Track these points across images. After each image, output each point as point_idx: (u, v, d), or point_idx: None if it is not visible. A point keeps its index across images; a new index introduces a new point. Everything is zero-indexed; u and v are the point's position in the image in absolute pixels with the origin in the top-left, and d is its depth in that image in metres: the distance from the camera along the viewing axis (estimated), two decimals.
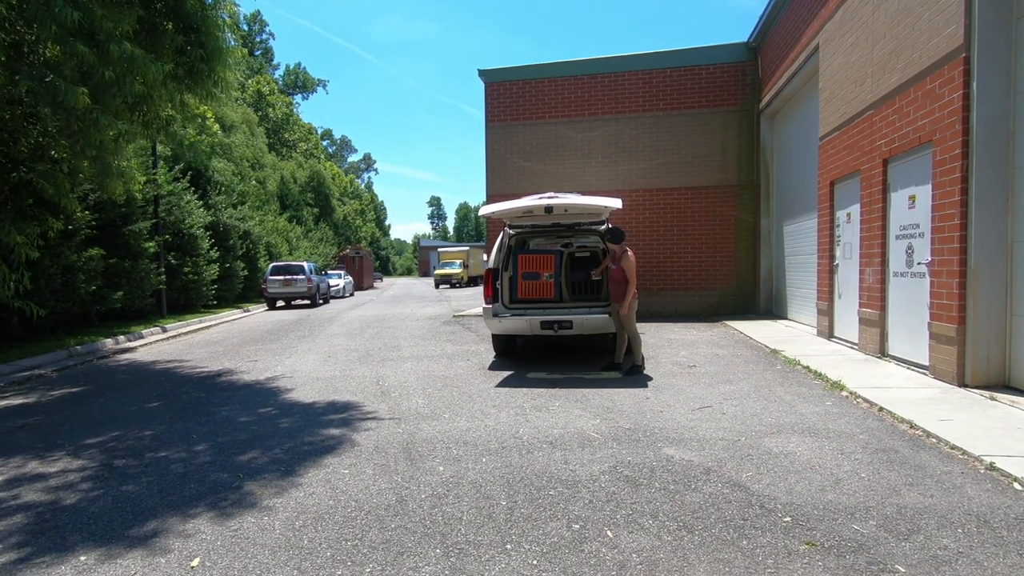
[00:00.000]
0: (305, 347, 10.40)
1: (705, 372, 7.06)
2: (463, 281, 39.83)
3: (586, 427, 4.81)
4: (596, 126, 14.45)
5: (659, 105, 14.16)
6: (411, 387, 6.68)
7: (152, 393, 6.86)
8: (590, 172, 14.50)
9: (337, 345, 10.51)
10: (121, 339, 12.00)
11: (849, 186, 8.38)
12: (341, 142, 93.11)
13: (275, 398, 6.32)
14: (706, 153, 13.98)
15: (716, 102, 13.93)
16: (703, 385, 6.32)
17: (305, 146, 55.31)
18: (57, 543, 3.07)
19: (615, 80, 14.34)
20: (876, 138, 7.30)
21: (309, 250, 38.00)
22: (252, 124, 37.97)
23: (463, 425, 4.98)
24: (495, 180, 15.00)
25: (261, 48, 63.19)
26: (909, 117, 6.52)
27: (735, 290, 14.03)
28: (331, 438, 4.73)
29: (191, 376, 7.91)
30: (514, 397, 5.99)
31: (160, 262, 15.57)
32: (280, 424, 5.21)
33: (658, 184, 14.18)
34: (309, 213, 44.19)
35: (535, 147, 14.77)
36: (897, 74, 6.74)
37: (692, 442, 4.35)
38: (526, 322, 7.51)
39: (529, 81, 14.78)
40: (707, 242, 14.09)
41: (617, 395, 5.96)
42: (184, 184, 18.32)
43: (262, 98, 50.86)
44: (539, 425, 4.91)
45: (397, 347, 10.09)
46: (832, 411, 5.10)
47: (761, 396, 5.73)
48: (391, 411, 5.57)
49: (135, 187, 11.95)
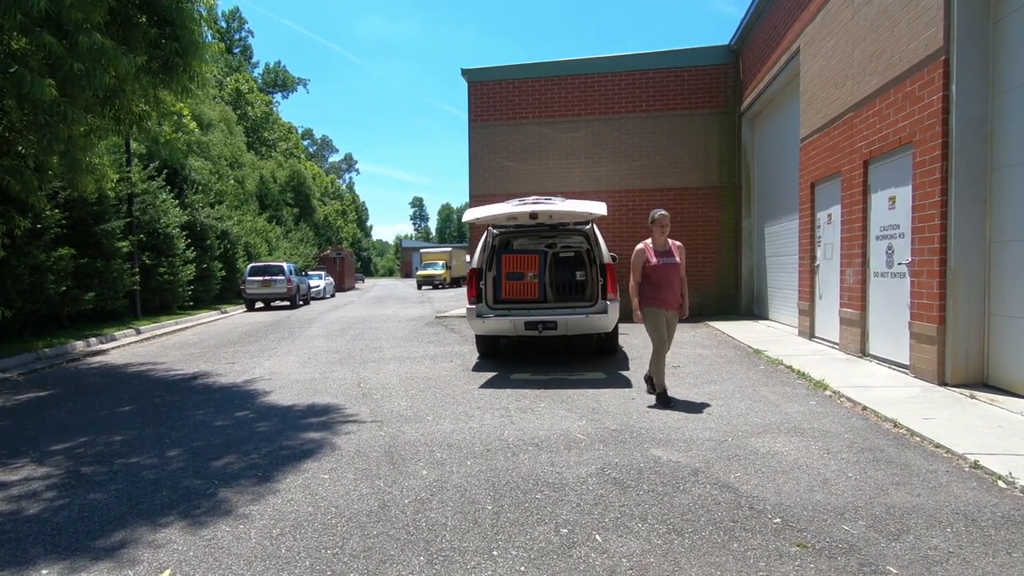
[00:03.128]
0: (284, 349, 10.19)
1: (689, 372, 7.05)
2: (446, 282, 39.64)
3: (572, 428, 4.74)
4: (580, 127, 14.44)
5: (642, 107, 14.20)
6: (393, 389, 6.55)
7: (124, 397, 6.64)
8: (574, 173, 14.48)
9: (317, 347, 10.32)
10: (93, 341, 11.64)
11: (830, 187, 8.46)
12: (322, 142, 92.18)
13: (252, 401, 6.15)
14: (689, 155, 14.05)
15: (698, 104, 14.01)
16: (686, 385, 6.30)
17: (285, 145, 54.62)
18: (17, 556, 2.90)
19: (599, 81, 14.34)
20: (856, 140, 7.37)
21: (289, 251, 37.48)
22: (230, 122, 37.36)
23: (447, 428, 4.88)
24: (478, 180, 14.91)
25: (240, 46, 62.30)
26: (889, 119, 6.59)
27: (717, 291, 14.11)
28: (310, 442, 4.59)
29: (165, 379, 7.69)
30: (499, 399, 5.90)
31: (134, 262, 15.17)
32: (257, 428, 5.06)
33: (641, 185, 14.21)
34: (289, 213, 43.61)
35: (519, 147, 14.71)
36: (877, 76, 6.81)
37: (679, 443, 4.30)
38: (510, 323, 7.43)
39: (513, 81, 14.72)
40: (690, 243, 14.08)
41: (602, 396, 5.90)
42: (160, 183, 17.91)
43: (241, 96, 50.11)
44: (524, 427, 4.83)
45: (379, 348, 9.94)
46: (816, 410, 5.10)
47: (746, 396, 5.72)
48: (373, 414, 5.45)
49: (107, 185, 11.62)
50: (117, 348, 11.24)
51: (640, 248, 5.68)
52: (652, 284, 5.56)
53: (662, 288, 5.52)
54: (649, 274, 5.57)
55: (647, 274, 5.58)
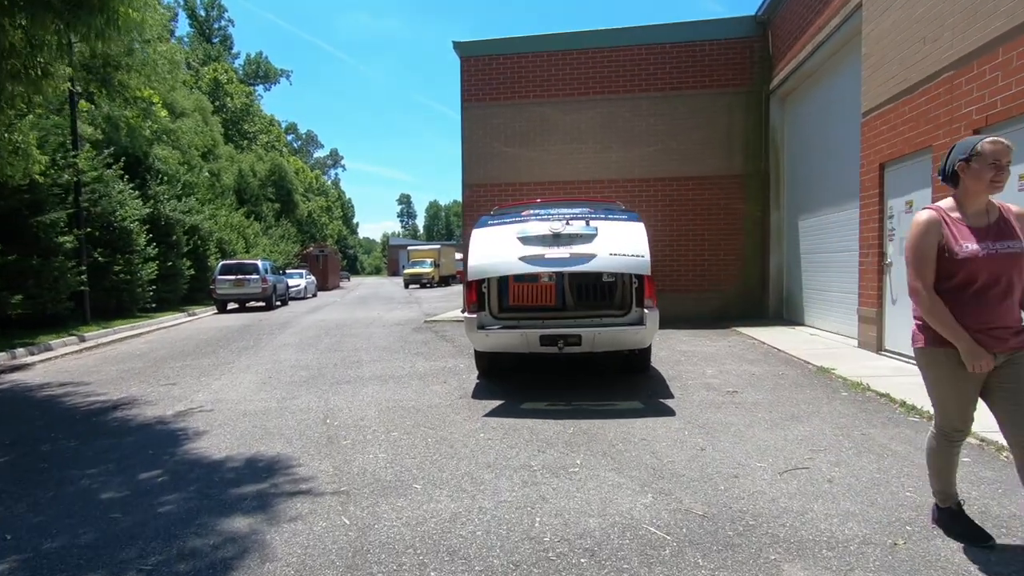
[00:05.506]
0: (244, 363, 8.49)
1: (753, 401, 5.47)
2: (434, 281, 38.00)
3: (636, 512, 3.13)
4: (587, 107, 12.83)
5: (657, 85, 12.62)
6: (370, 428, 4.90)
7: (5, 437, 4.93)
8: (580, 159, 12.87)
9: (284, 360, 8.63)
10: (20, 352, 9.85)
11: (910, 168, 6.93)
12: (307, 137, 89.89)
13: (173, 450, 4.47)
14: (709, 139, 12.49)
15: (721, 82, 12.46)
16: (764, 423, 4.72)
17: (266, 138, 52.48)
18: None
19: (608, 56, 12.74)
20: (961, 104, 5.84)
21: (269, 248, 35.54)
22: (206, 112, 35.28)
23: (445, 508, 3.25)
24: (473, 168, 13.25)
25: (219, 36, 60.03)
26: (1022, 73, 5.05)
27: (741, 292, 12.59)
28: (231, 539, 2.94)
29: (78, 408, 5.97)
30: (514, 447, 4.28)
31: (81, 259, 13.32)
32: (160, 507, 3.39)
33: (656, 173, 12.64)
34: (269, 209, 41.59)
35: (519, 131, 13.07)
36: (1003, 18, 5.27)
37: (821, 547, 2.70)
38: (521, 336, 5.80)
39: (512, 56, 13.06)
40: (710, 238, 12.61)
41: (654, 440, 4.31)
42: (116, 171, 16.05)
43: (219, 87, 47.95)
44: (562, 507, 3.22)
45: (357, 362, 8.27)
46: (986, 476, 3.53)
47: (857, 444, 4.15)
48: (337, 476, 3.80)
49: (36, 169, 9.79)
50: (46, 361, 9.44)
51: (927, 218, 2.58)
52: (960, 295, 2.53)
53: (986, 303, 2.50)
54: (955, 272, 2.53)
55: (949, 273, 2.55)
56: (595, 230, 5.81)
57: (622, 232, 5.90)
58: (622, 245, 5.70)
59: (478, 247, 5.94)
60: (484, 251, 5.87)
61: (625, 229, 5.96)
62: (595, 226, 5.86)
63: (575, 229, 5.79)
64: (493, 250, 5.83)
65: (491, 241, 5.97)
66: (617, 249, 5.65)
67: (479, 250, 5.90)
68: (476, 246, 5.96)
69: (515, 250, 5.71)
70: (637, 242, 5.76)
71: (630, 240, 5.78)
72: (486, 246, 5.92)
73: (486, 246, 5.92)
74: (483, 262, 5.79)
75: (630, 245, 5.71)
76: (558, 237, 5.74)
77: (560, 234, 5.74)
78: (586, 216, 6.09)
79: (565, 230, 5.76)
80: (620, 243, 5.72)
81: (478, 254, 5.86)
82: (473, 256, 5.89)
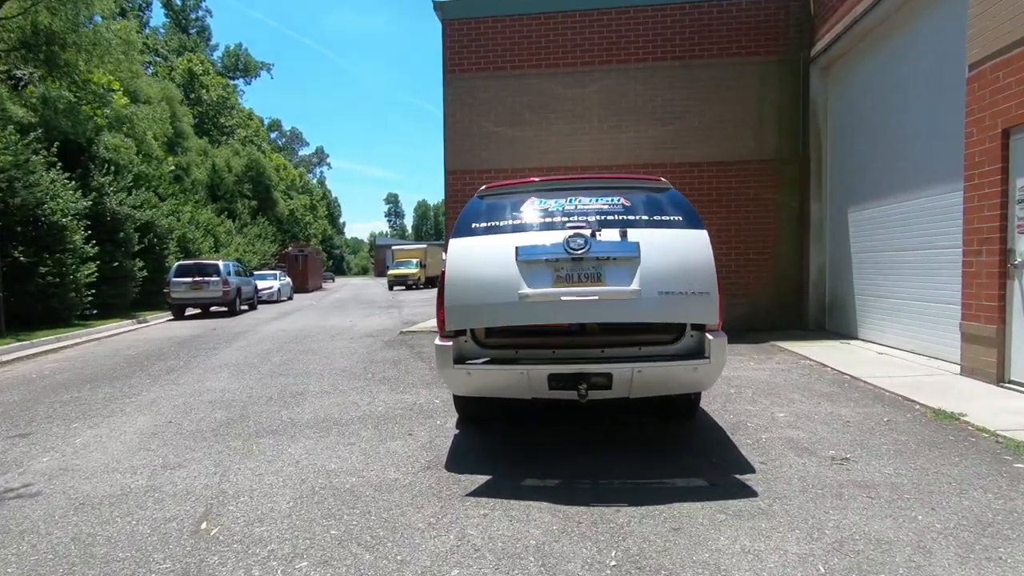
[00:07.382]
0: (151, 395, 6.42)
1: (886, 481, 3.51)
2: (420, 282, 35.99)
3: None
4: (592, 79, 10.85)
5: (675, 52, 10.67)
6: (267, 544, 2.88)
7: None
8: (583, 141, 10.90)
9: (206, 391, 6.57)
10: None
11: None
12: (291, 134, 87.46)
13: None
14: (736, 117, 10.57)
15: (750, 49, 10.54)
16: (940, 537, 2.76)
17: (244, 133, 50.07)
18: None
19: (617, 18, 10.77)
20: None
21: (244, 247, 33.33)
22: (173, 101, 32.93)
23: None
24: (456, 151, 11.23)
25: (196, 26, 57.61)
26: None
27: (773, 297, 10.67)
28: None
29: None
30: None
31: None
32: None
33: (673, 158, 10.69)
34: (245, 206, 39.26)
35: (510, 107, 11.07)
36: None
37: None
38: (521, 377, 3.78)
39: (503, 18, 11.06)
40: (736, 235, 10.68)
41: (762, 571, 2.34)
42: (45, 157, 13.89)
43: (195, 78, 45.56)
44: None
45: (300, 395, 6.23)
46: None
47: None
48: None
49: None
50: None
51: None
52: None
53: None
54: None
55: None
56: (635, 249, 3.71)
57: (676, 248, 3.79)
58: (677, 273, 3.67)
59: (458, 271, 3.83)
60: (467, 279, 3.79)
61: (680, 243, 3.83)
62: (635, 240, 3.77)
63: (605, 248, 3.72)
64: (480, 280, 3.75)
65: (478, 263, 3.84)
66: (671, 283, 3.64)
67: (460, 278, 3.80)
68: (456, 268, 3.85)
69: (513, 282, 3.66)
70: (698, 266, 3.72)
71: (689, 263, 3.72)
72: (470, 271, 3.81)
73: (470, 271, 3.81)
74: (465, 299, 3.74)
75: (689, 272, 3.69)
76: (579, 262, 3.72)
77: (583, 257, 3.71)
78: (622, 221, 3.94)
79: (590, 250, 3.70)
80: (674, 270, 3.68)
81: (458, 284, 3.79)
82: (452, 284, 3.81)
